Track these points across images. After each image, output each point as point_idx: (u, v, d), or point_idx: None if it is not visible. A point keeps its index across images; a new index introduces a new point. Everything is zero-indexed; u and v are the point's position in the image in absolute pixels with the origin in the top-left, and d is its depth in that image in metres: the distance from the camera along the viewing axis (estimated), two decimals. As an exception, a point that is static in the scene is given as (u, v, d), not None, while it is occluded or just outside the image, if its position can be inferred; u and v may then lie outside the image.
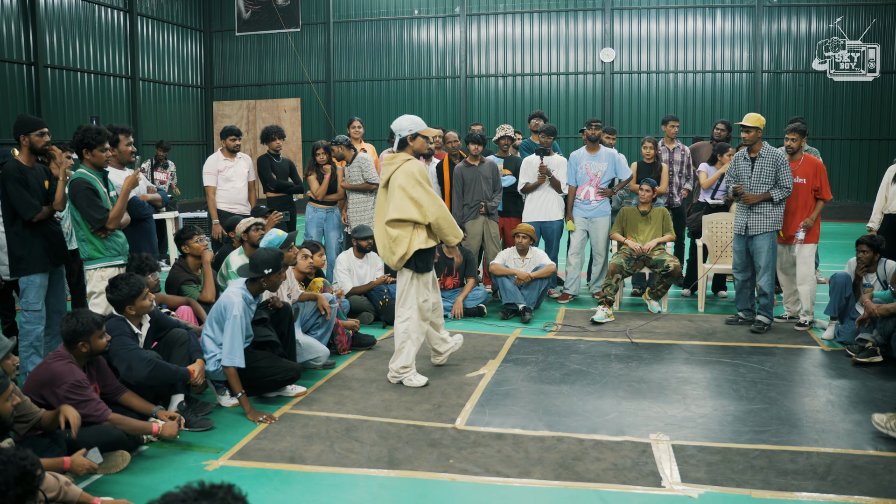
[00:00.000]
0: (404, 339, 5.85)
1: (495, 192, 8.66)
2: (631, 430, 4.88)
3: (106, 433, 4.21)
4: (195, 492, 1.80)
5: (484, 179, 8.54)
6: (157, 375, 4.74)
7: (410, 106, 20.91)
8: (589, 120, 8.92)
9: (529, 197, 8.91)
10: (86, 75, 17.68)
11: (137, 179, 5.76)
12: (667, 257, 8.15)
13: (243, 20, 22.01)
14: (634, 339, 7.19)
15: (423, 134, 5.69)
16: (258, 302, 5.50)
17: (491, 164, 8.67)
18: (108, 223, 5.51)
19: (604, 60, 19.89)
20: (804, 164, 7.45)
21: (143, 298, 4.88)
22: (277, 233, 6.12)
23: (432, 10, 20.89)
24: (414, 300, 5.81)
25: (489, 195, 8.57)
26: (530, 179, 8.80)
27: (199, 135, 22.34)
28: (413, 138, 5.67)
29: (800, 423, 5.00)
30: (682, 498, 3.93)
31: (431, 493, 4.03)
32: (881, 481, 4.09)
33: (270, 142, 8.91)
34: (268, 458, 4.46)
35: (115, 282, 4.87)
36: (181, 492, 1.80)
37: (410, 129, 5.66)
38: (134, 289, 4.82)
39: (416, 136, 5.67)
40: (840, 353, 6.65)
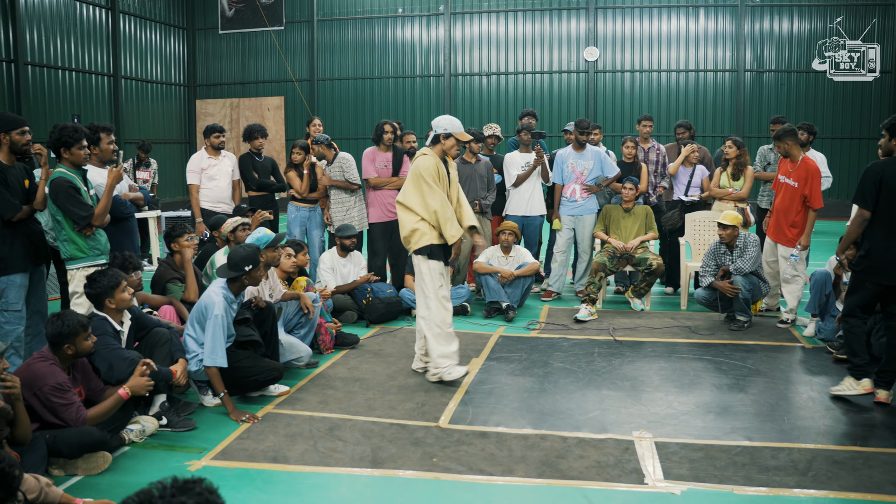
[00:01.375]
0: (421, 335, 5.95)
1: (489, 191, 8.70)
2: (614, 427, 4.90)
3: (87, 435, 4.17)
4: (172, 487, 1.78)
5: (479, 177, 8.57)
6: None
7: (395, 105, 20.88)
8: (580, 121, 8.93)
9: (515, 191, 8.95)
10: (67, 73, 17.53)
11: (121, 174, 5.73)
12: (650, 255, 8.19)
13: (226, 18, 21.90)
14: (618, 336, 7.21)
15: (456, 136, 5.83)
16: (240, 301, 5.48)
17: (486, 162, 8.72)
18: (93, 220, 5.48)
19: (588, 59, 19.92)
20: (799, 169, 7.42)
21: (122, 291, 4.85)
22: (266, 231, 6.10)
23: (416, 9, 20.85)
24: (431, 290, 5.81)
25: (483, 193, 8.61)
26: (519, 171, 8.87)
27: (182, 133, 22.21)
28: (446, 137, 5.83)
29: (781, 419, 5.04)
30: (664, 495, 3.95)
31: (415, 492, 4.03)
32: (861, 476, 4.13)
33: (253, 140, 8.86)
34: (251, 457, 4.45)
35: (93, 276, 4.85)
36: (157, 488, 1.78)
37: (446, 128, 5.83)
38: (112, 280, 4.80)
39: (450, 136, 5.82)
40: (821, 350, 6.70)
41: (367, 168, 8.40)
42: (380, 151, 8.45)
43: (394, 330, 7.57)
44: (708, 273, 7.65)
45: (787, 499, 3.89)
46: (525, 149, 9.03)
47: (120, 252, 5.68)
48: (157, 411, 4.94)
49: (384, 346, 6.95)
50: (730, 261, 7.54)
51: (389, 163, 8.42)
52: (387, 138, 8.38)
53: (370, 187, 8.43)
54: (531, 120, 9.55)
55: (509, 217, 8.97)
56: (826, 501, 3.86)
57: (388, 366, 6.32)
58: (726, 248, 7.60)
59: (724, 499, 3.90)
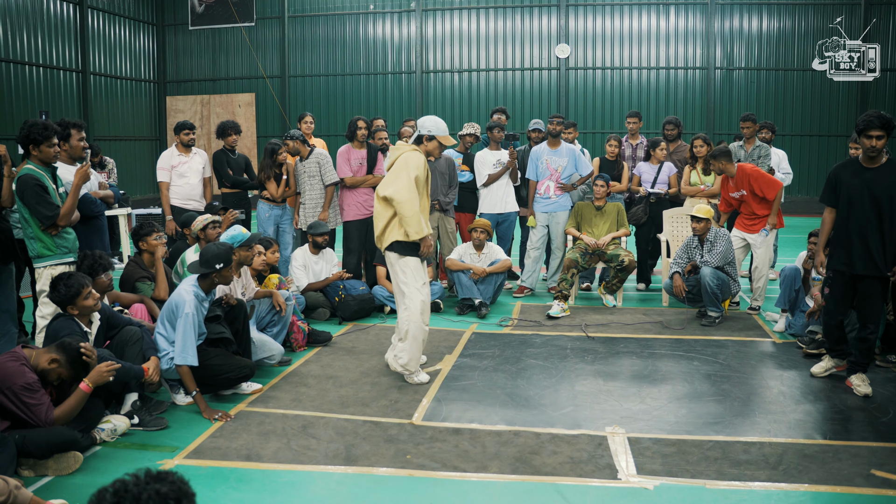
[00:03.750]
0: (404, 333, 5.84)
1: (451, 188, 8.63)
2: (587, 423, 4.92)
3: (57, 434, 4.11)
4: (147, 476, 1.82)
5: (439, 175, 8.51)
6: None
7: (366, 101, 20.83)
8: (551, 116, 8.98)
9: (487, 189, 8.95)
10: (34, 69, 17.29)
11: (88, 173, 5.66)
12: (622, 252, 8.23)
13: (197, 14, 21.73)
14: (590, 333, 7.25)
15: (439, 139, 5.80)
16: (211, 299, 5.44)
17: (447, 159, 8.65)
18: (59, 220, 5.40)
19: (559, 56, 20.00)
20: (740, 178, 7.84)
21: (85, 298, 4.77)
22: (241, 230, 6.06)
23: (388, 5, 20.82)
24: (412, 286, 5.75)
25: (444, 191, 8.57)
26: (491, 171, 8.84)
27: (152, 130, 22.01)
28: (429, 139, 5.80)
29: (752, 414, 5.09)
30: (637, 490, 3.98)
31: (389, 490, 4.03)
32: (830, 469, 4.19)
33: (226, 137, 8.77)
34: (224, 456, 4.42)
35: (54, 282, 4.77)
36: (132, 477, 1.82)
37: (430, 130, 5.79)
38: (72, 289, 4.72)
39: (433, 138, 5.80)
40: (791, 346, 6.78)
41: (342, 167, 8.36)
42: (354, 149, 8.42)
43: (366, 327, 7.55)
44: (678, 266, 7.74)
45: (759, 493, 3.94)
46: (495, 146, 9.01)
47: (90, 251, 5.61)
48: (129, 410, 4.89)
49: (357, 344, 6.93)
50: (700, 255, 7.61)
51: (364, 160, 8.39)
52: (360, 134, 8.36)
53: (345, 186, 8.39)
54: (501, 117, 9.53)
55: (483, 215, 8.97)
56: (796, 494, 3.91)
57: (360, 363, 6.31)
58: (698, 241, 7.68)
59: (697, 493, 3.93)
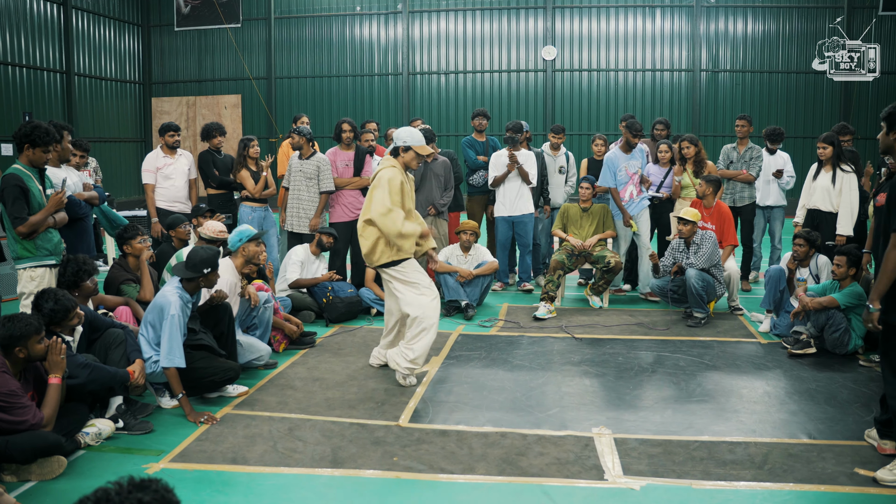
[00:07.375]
0: (393, 330, 6.03)
1: (446, 191, 8.63)
2: (573, 424, 4.93)
3: (41, 439, 4.05)
4: (129, 485, 1.81)
5: (435, 177, 8.51)
6: (95, 378, 4.62)
7: (353, 103, 20.79)
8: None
9: (500, 191, 8.90)
10: (17, 69, 17.14)
11: (63, 201, 5.57)
12: (608, 253, 8.24)
13: (182, 15, 21.62)
14: (576, 334, 7.26)
15: (416, 149, 5.79)
16: (195, 301, 5.41)
17: (444, 162, 8.65)
18: (21, 227, 5.30)
19: (545, 58, 20.03)
20: (713, 211, 8.08)
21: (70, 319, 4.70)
22: (247, 227, 6.19)
23: (374, 7, 20.79)
24: (422, 285, 5.74)
25: (439, 194, 8.56)
26: (498, 172, 8.81)
27: (138, 132, 21.87)
28: (405, 150, 5.79)
29: (738, 414, 5.12)
30: (624, 490, 3.99)
31: (376, 492, 4.02)
32: (815, 468, 4.21)
33: (211, 139, 8.74)
34: (209, 459, 4.40)
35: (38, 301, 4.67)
36: (113, 486, 1.80)
37: (405, 140, 5.78)
38: (58, 315, 4.63)
39: (409, 149, 5.78)
40: (776, 346, 6.81)
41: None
42: (341, 151, 8.43)
43: (353, 329, 7.54)
44: (665, 267, 7.78)
45: (744, 492, 3.95)
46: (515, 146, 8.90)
47: (74, 256, 5.55)
48: (114, 414, 4.86)
49: (343, 346, 6.92)
50: (685, 257, 7.64)
51: (351, 161, 8.39)
52: (346, 137, 8.35)
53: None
54: (482, 120, 9.49)
55: (498, 219, 8.95)
56: (782, 494, 3.93)
57: (347, 365, 6.30)
58: (684, 244, 7.71)
59: (683, 493, 3.95)
